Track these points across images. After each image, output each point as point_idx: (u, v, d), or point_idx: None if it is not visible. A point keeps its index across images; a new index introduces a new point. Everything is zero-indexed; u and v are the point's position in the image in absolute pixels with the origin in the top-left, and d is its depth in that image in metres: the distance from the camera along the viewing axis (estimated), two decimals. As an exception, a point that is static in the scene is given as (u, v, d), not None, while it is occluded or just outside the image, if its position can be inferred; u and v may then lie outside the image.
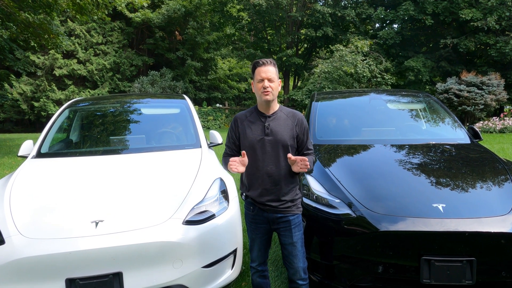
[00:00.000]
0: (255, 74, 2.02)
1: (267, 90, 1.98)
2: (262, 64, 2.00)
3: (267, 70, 1.99)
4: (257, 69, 2.01)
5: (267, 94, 1.99)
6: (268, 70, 1.99)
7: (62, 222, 2.19)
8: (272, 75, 1.99)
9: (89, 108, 4.05)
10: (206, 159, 3.04)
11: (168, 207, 2.35)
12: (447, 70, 17.46)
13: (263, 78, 1.98)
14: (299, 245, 2.08)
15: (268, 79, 1.98)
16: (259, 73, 2.00)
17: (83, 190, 2.51)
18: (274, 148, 2.02)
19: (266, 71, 1.99)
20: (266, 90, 1.98)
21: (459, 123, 3.69)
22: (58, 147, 3.55)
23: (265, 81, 1.98)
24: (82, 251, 2.01)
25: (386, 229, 2.15)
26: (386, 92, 4.42)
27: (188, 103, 3.95)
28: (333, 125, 3.86)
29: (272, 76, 1.99)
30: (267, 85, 1.97)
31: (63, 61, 18.95)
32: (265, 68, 1.99)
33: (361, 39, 16.51)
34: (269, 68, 2.00)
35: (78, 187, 2.56)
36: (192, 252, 2.22)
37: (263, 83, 1.98)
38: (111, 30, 20.66)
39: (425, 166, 2.79)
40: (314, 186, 2.60)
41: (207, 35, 21.78)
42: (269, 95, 1.99)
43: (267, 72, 1.99)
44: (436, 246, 2.11)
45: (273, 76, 2.00)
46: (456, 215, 2.17)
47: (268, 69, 2.00)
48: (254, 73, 2.03)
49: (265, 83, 1.98)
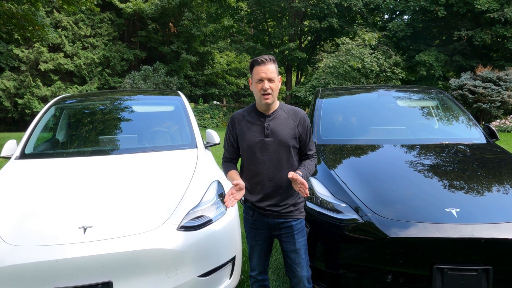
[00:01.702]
0: (254, 74, 1.99)
1: (267, 92, 1.95)
2: (261, 62, 1.95)
3: (267, 70, 1.95)
4: (256, 68, 1.98)
5: (268, 97, 1.97)
6: (268, 69, 1.95)
7: (48, 228, 2.19)
8: (272, 74, 1.96)
9: (77, 106, 4.05)
10: (202, 160, 3.04)
11: (161, 211, 2.35)
12: (461, 64, 17.47)
13: (263, 78, 1.95)
14: (303, 252, 2.08)
15: (268, 79, 1.95)
16: (258, 73, 1.96)
17: (70, 194, 2.51)
18: (275, 149, 2.01)
19: (266, 71, 1.95)
20: (266, 92, 1.95)
21: (474, 122, 3.69)
22: (43, 147, 3.55)
23: (265, 82, 1.95)
24: (69, 259, 2.01)
25: (395, 235, 2.15)
26: (395, 88, 4.42)
27: (183, 100, 3.95)
28: (339, 123, 3.86)
29: (273, 75, 1.96)
30: (267, 87, 1.94)
31: (49, 55, 18.95)
32: (264, 67, 1.95)
33: (369, 31, 16.53)
34: (269, 67, 1.95)
35: (65, 191, 2.56)
36: (187, 260, 2.22)
37: (263, 84, 1.95)
38: (101, 22, 20.66)
39: (437, 168, 2.79)
40: (319, 189, 2.60)
41: (203, 27, 21.79)
42: (269, 98, 1.97)
43: (267, 71, 1.95)
44: (449, 254, 2.11)
45: (273, 76, 1.96)
46: (471, 221, 2.17)
47: (268, 68, 1.95)
48: (253, 72, 2.00)
49: (265, 84, 1.94)
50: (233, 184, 1.94)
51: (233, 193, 1.89)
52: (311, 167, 2.07)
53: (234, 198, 1.87)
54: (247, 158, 2.06)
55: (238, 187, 1.92)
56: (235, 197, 1.88)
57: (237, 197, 1.89)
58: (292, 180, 1.91)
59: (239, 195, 1.91)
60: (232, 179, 2.04)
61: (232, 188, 1.92)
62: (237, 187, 1.92)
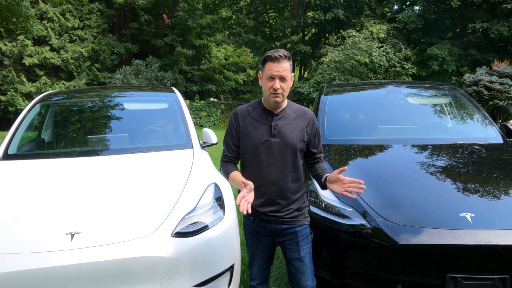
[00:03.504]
0: (265, 69, 1.94)
1: (278, 92, 1.92)
2: (275, 59, 1.89)
3: (281, 68, 1.89)
4: (268, 64, 1.92)
5: (277, 96, 1.93)
6: (282, 67, 1.89)
7: (32, 234, 2.19)
8: (285, 73, 1.91)
9: (64, 103, 4.05)
10: (198, 161, 3.04)
11: (154, 217, 2.34)
12: (476, 58, 17.47)
13: (274, 77, 1.91)
14: (307, 260, 2.08)
15: (280, 77, 1.91)
16: (270, 70, 1.91)
17: (57, 197, 2.51)
18: (281, 151, 1.99)
19: (279, 69, 1.89)
20: (277, 92, 1.92)
21: (490, 120, 3.70)
22: (28, 147, 3.55)
23: (276, 81, 1.90)
24: (55, 267, 2.00)
25: (406, 242, 2.15)
26: (406, 84, 4.43)
27: (178, 97, 3.95)
28: (345, 122, 3.86)
29: (286, 74, 1.91)
30: (278, 87, 1.90)
31: (34, 48, 18.95)
32: (278, 65, 1.89)
33: (377, 23, 16.52)
34: (283, 65, 1.90)
35: (51, 194, 2.55)
36: (182, 268, 2.21)
37: (274, 83, 1.91)
38: (89, 13, 20.67)
39: (451, 170, 2.80)
40: (323, 193, 2.60)
41: (199, 19, 21.79)
42: (279, 98, 1.94)
43: (280, 70, 1.89)
44: (463, 262, 2.11)
45: (286, 74, 1.91)
46: (486, 226, 2.17)
47: (282, 66, 1.89)
48: (264, 67, 1.95)
49: (276, 83, 1.90)
50: (243, 183, 1.82)
51: (245, 196, 1.75)
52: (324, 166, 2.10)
53: (247, 202, 1.73)
54: (250, 159, 2.04)
55: (249, 188, 1.79)
56: (247, 200, 1.74)
57: (250, 200, 1.75)
58: (335, 180, 1.90)
59: (251, 197, 1.77)
60: (236, 180, 1.94)
61: (243, 190, 1.79)
62: (247, 187, 1.80)
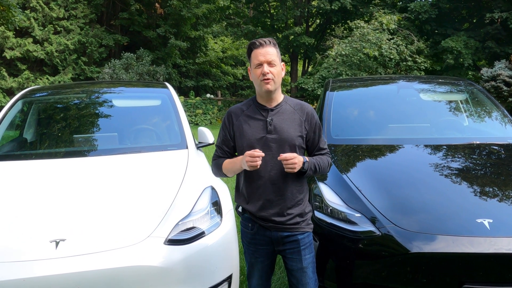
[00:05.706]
0: (252, 58, 2.02)
1: (267, 77, 1.97)
2: (259, 45, 2.00)
3: (266, 52, 1.98)
4: (254, 52, 2.01)
5: (268, 82, 1.98)
6: (267, 52, 1.99)
7: (14, 241, 2.19)
8: (272, 57, 1.99)
9: (48, 99, 4.05)
10: (193, 163, 3.05)
11: (146, 223, 2.35)
12: (494, 51, 17.47)
13: (262, 62, 1.98)
14: (310, 271, 2.08)
15: (268, 62, 1.98)
16: (257, 57, 1.99)
17: (40, 202, 2.51)
18: (279, 148, 2.02)
19: (264, 53, 1.98)
20: (267, 77, 1.97)
21: (510, 118, 3.70)
22: (9, 147, 3.56)
23: (264, 65, 1.98)
24: (38, 277, 2.00)
25: (418, 250, 2.15)
26: (418, 80, 4.43)
27: (171, 93, 3.96)
28: (353, 120, 3.87)
29: (273, 58, 1.99)
30: (267, 71, 1.97)
31: (16, 40, 18.94)
32: (263, 49, 1.99)
33: (387, 13, 16.52)
34: (268, 50, 1.99)
35: (34, 198, 2.56)
36: (176, 279, 2.22)
37: (262, 68, 1.98)
38: (76, 2, 20.67)
39: (467, 172, 2.80)
40: (329, 197, 2.60)
41: (194, 8, 21.78)
42: (271, 84, 1.99)
43: (266, 54, 1.98)
44: (481, 272, 2.11)
45: (273, 59, 1.99)
46: (505, 233, 2.18)
47: (267, 50, 1.99)
48: (251, 57, 2.03)
49: (264, 68, 1.97)
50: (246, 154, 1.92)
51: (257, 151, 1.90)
52: (323, 162, 2.08)
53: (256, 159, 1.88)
54: None
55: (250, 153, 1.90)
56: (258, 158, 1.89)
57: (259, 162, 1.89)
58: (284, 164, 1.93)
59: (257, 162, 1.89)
60: (234, 162, 2.06)
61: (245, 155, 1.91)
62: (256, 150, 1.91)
